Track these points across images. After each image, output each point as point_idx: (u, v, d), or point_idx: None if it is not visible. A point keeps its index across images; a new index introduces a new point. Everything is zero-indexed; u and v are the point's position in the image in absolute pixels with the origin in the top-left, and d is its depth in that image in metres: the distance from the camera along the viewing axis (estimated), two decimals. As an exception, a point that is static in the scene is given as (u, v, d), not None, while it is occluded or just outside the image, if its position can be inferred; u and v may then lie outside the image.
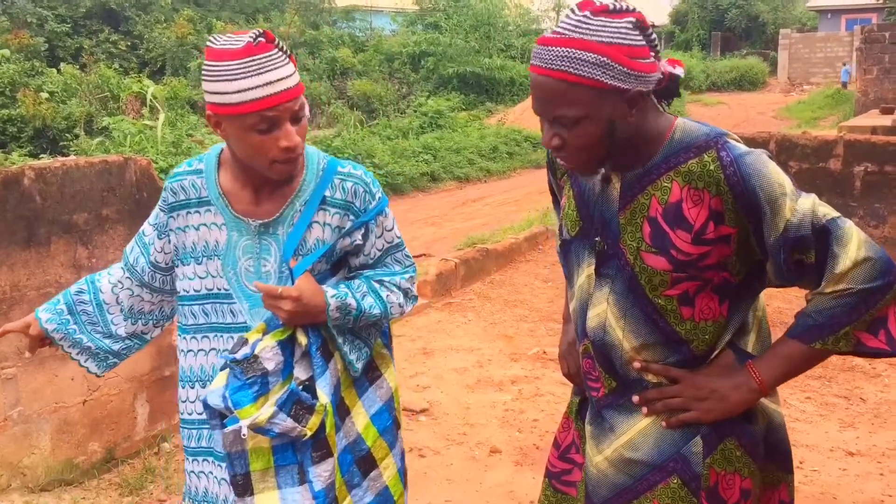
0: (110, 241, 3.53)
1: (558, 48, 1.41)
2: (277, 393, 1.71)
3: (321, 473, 1.74)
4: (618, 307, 1.57)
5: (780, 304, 5.53)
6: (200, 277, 1.82)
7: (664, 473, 1.55)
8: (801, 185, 1.51)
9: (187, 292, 1.85)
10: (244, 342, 1.72)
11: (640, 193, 1.53)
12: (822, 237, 1.44)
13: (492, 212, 11.45)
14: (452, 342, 5.45)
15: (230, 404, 1.66)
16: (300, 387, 1.71)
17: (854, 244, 1.44)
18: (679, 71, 1.51)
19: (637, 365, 1.57)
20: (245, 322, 1.79)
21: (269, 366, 1.70)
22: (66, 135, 15.19)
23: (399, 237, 1.91)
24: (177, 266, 1.87)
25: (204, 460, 1.88)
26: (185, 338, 1.87)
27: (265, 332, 1.74)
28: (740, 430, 1.56)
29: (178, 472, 3.58)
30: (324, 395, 1.73)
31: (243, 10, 27.32)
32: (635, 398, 1.58)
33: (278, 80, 1.62)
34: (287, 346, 1.73)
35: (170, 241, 1.87)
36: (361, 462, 1.88)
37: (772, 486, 1.66)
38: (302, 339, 1.74)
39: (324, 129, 17.14)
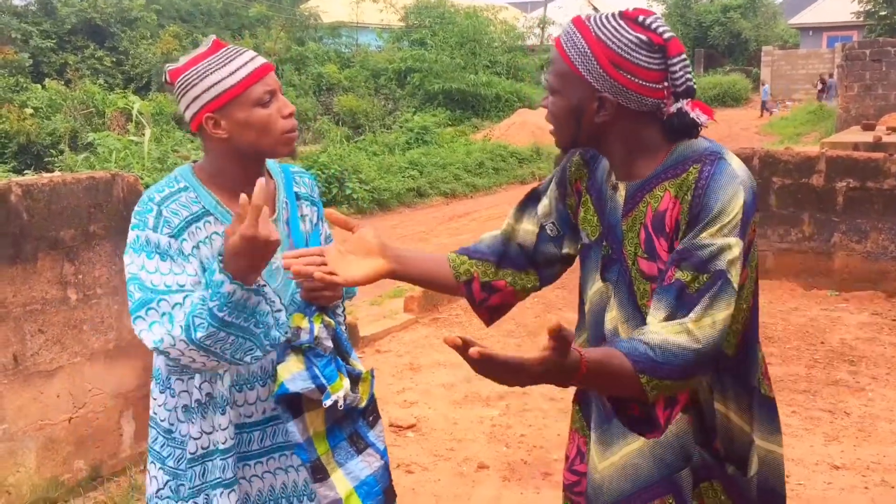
0: (97, 258, 3.52)
1: (572, 26, 1.56)
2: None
3: (379, 434, 1.93)
4: (621, 311, 1.61)
5: (765, 320, 5.57)
6: None
7: (662, 489, 1.57)
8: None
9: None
10: (298, 329, 1.80)
11: (640, 202, 1.57)
12: (702, 277, 1.41)
13: (478, 227, 11.48)
14: (440, 357, 5.45)
15: (324, 381, 1.76)
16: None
17: (707, 321, 1.38)
18: (697, 115, 1.50)
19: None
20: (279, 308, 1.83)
21: (329, 344, 1.82)
22: (51, 150, 15.14)
23: (329, 230, 2.05)
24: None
25: (277, 457, 1.88)
26: None
27: (308, 318, 1.83)
28: (727, 478, 1.58)
29: (164, 489, 3.56)
30: (361, 366, 1.90)
31: (229, 26, 27.39)
32: None
33: (256, 56, 1.76)
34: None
35: (192, 264, 1.72)
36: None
37: None
38: (330, 320, 1.86)
39: (310, 145, 17.14)
